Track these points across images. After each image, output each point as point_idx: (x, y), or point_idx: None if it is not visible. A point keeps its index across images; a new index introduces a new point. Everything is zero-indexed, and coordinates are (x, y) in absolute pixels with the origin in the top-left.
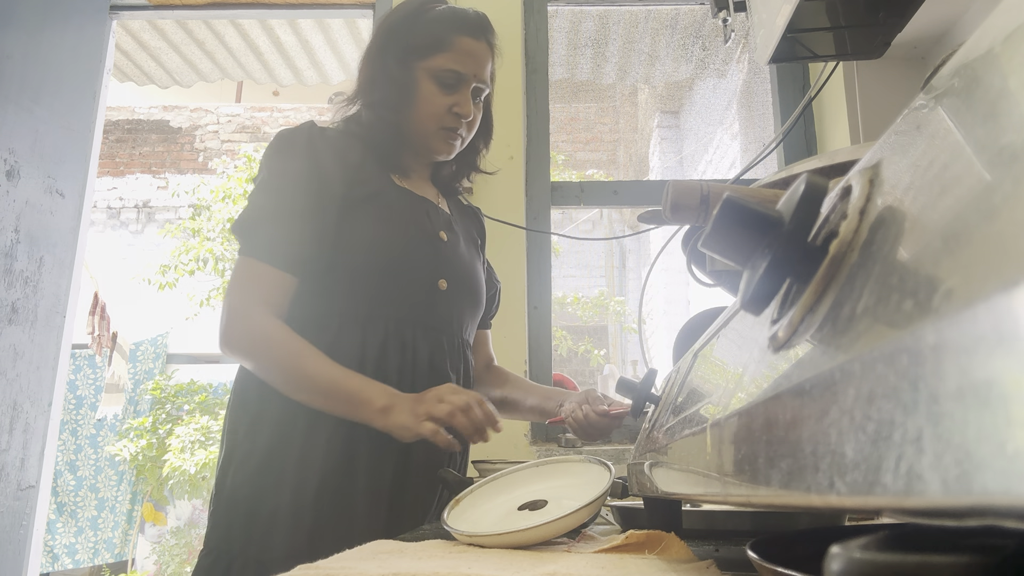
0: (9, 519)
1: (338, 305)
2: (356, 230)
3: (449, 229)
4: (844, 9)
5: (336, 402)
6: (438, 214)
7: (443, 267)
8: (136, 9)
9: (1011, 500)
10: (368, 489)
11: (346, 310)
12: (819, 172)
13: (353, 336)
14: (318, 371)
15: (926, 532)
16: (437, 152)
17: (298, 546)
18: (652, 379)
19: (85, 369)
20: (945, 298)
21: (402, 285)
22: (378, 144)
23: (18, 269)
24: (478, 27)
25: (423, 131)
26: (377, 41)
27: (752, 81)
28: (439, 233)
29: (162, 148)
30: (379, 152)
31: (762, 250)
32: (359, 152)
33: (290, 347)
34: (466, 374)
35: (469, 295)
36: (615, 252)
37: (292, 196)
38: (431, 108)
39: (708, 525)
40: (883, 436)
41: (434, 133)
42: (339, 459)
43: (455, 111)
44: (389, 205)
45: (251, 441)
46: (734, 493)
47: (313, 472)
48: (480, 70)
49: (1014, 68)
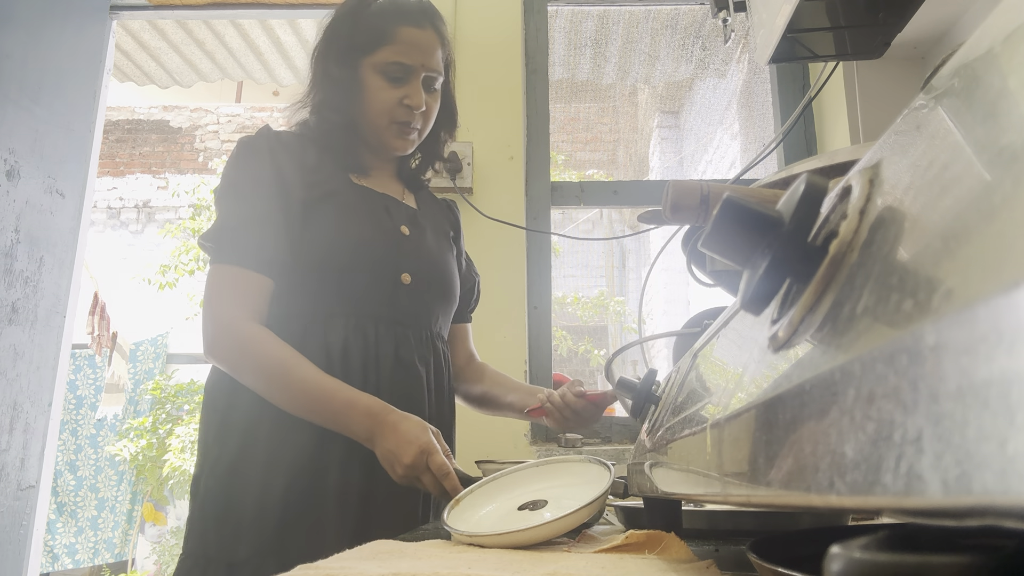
0: (9, 519)
1: (302, 305)
2: (315, 230)
3: (413, 223)
4: (844, 9)
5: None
6: (400, 209)
7: (406, 261)
8: (136, 9)
9: (1011, 500)
10: (338, 490)
11: (310, 310)
12: (819, 172)
13: (317, 335)
14: (305, 381)
15: (926, 532)
16: (393, 148)
17: (264, 548)
18: (652, 379)
19: (85, 369)
20: (945, 298)
21: (362, 281)
22: (331, 145)
23: (18, 269)
24: (421, 15)
25: (375, 127)
26: (321, 42)
27: (752, 81)
28: (400, 228)
29: (162, 148)
30: (334, 153)
31: (762, 250)
32: (314, 154)
33: (277, 355)
34: (437, 367)
35: (437, 288)
36: (615, 252)
37: (260, 201)
38: (380, 103)
39: (708, 525)
40: (883, 436)
41: (386, 128)
42: (307, 460)
43: (405, 103)
44: (346, 204)
45: (221, 445)
46: (734, 493)
47: (279, 474)
48: (427, 59)
49: (1014, 68)
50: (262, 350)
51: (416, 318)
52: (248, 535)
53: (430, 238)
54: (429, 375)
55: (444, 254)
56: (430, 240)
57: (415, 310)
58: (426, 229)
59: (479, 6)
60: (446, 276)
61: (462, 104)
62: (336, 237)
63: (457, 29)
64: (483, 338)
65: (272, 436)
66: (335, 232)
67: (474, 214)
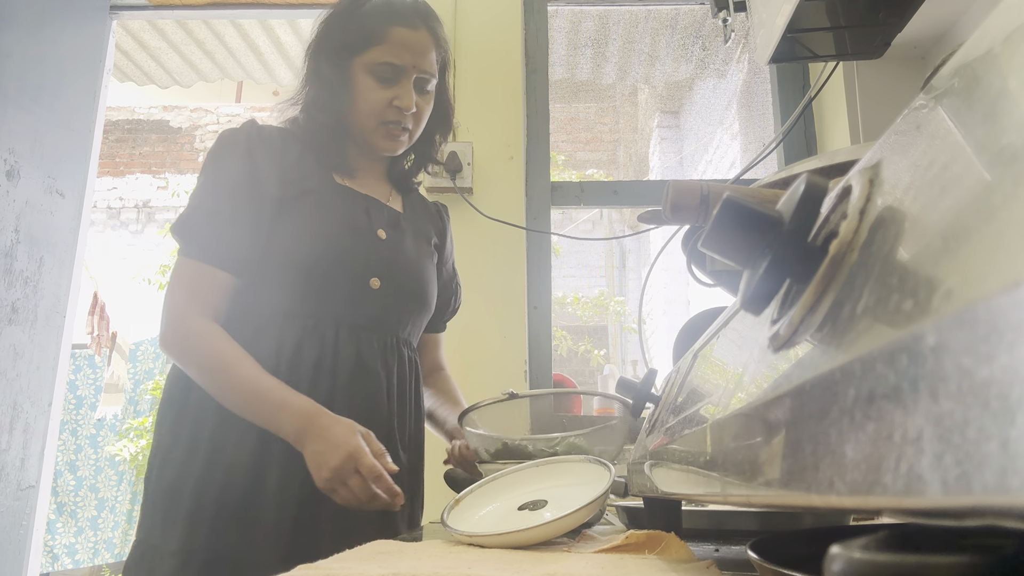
0: (9, 519)
1: (264, 303)
2: (286, 228)
3: (393, 227)
4: (844, 9)
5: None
6: (381, 212)
7: (377, 265)
8: (136, 9)
9: (1011, 500)
10: (277, 491)
11: (270, 308)
12: (819, 172)
13: (271, 334)
14: (242, 379)
15: (926, 532)
16: (381, 148)
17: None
18: (652, 379)
19: (85, 369)
20: (945, 298)
21: (328, 283)
22: (316, 143)
23: (18, 269)
24: (414, 16)
25: (364, 128)
26: (315, 39)
27: (752, 81)
28: (376, 231)
29: (162, 148)
30: (318, 151)
31: (762, 250)
32: (296, 151)
33: (220, 352)
34: (402, 373)
35: (409, 294)
36: (615, 252)
37: (229, 196)
38: (370, 103)
39: (709, 525)
40: (883, 436)
41: (375, 129)
42: (249, 458)
43: (395, 104)
44: (322, 203)
45: (173, 437)
46: (734, 493)
47: (220, 470)
48: (419, 60)
49: (1014, 68)
50: (206, 346)
51: (382, 323)
52: (183, 527)
53: (409, 243)
54: (392, 381)
55: (422, 261)
56: (409, 245)
57: (382, 315)
58: (407, 233)
59: (479, 6)
60: (419, 283)
61: (462, 104)
62: (304, 236)
63: (457, 29)
64: (483, 338)
65: (218, 432)
66: (304, 231)
67: (474, 214)
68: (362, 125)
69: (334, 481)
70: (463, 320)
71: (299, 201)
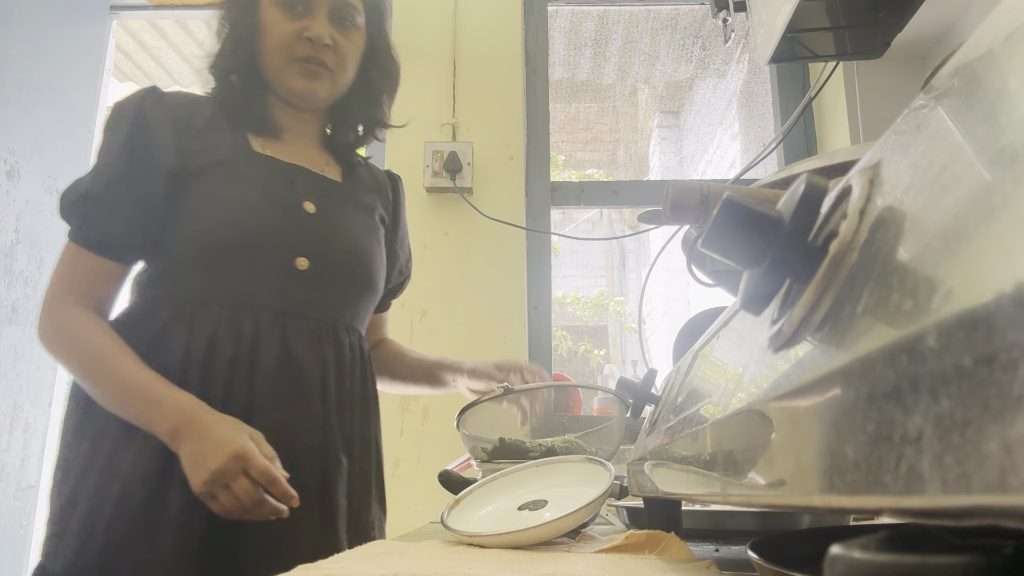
0: (9, 519)
1: (173, 293)
2: (190, 205)
3: (325, 199)
4: (844, 9)
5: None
6: (310, 182)
7: (304, 244)
8: (136, 9)
9: (1011, 500)
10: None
11: (179, 298)
12: (819, 172)
13: (181, 327)
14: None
15: (926, 532)
16: (299, 90)
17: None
18: (652, 379)
19: None
20: (945, 298)
21: (244, 265)
22: (230, 102)
23: (18, 269)
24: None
25: (276, 68)
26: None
27: (752, 81)
28: (302, 204)
29: None
30: (233, 111)
31: (762, 250)
32: (205, 116)
33: (94, 344)
34: (340, 362)
35: (347, 275)
36: (615, 252)
37: (114, 173)
38: (278, 38)
39: (709, 525)
40: (883, 436)
41: (286, 67)
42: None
43: (306, 36)
44: (236, 174)
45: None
46: (734, 493)
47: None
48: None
49: (1014, 68)
50: (81, 337)
51: (314, 308)
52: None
53: (347, 217)
54: (327, 373)
55: (364, 237)
56: (346, 220)
57: (312, 299)
58: (346, 206)
59: (479, 6)
60: (356, 261)
61: (462, 104)
62: (213, 213)
63: (457, 29)
64: (483, 338)
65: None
66: (212, 207)
67: (474, 214)
68: (274, 66)
69: (214, 484)
70: (463, 320)
71: (205, 174)
